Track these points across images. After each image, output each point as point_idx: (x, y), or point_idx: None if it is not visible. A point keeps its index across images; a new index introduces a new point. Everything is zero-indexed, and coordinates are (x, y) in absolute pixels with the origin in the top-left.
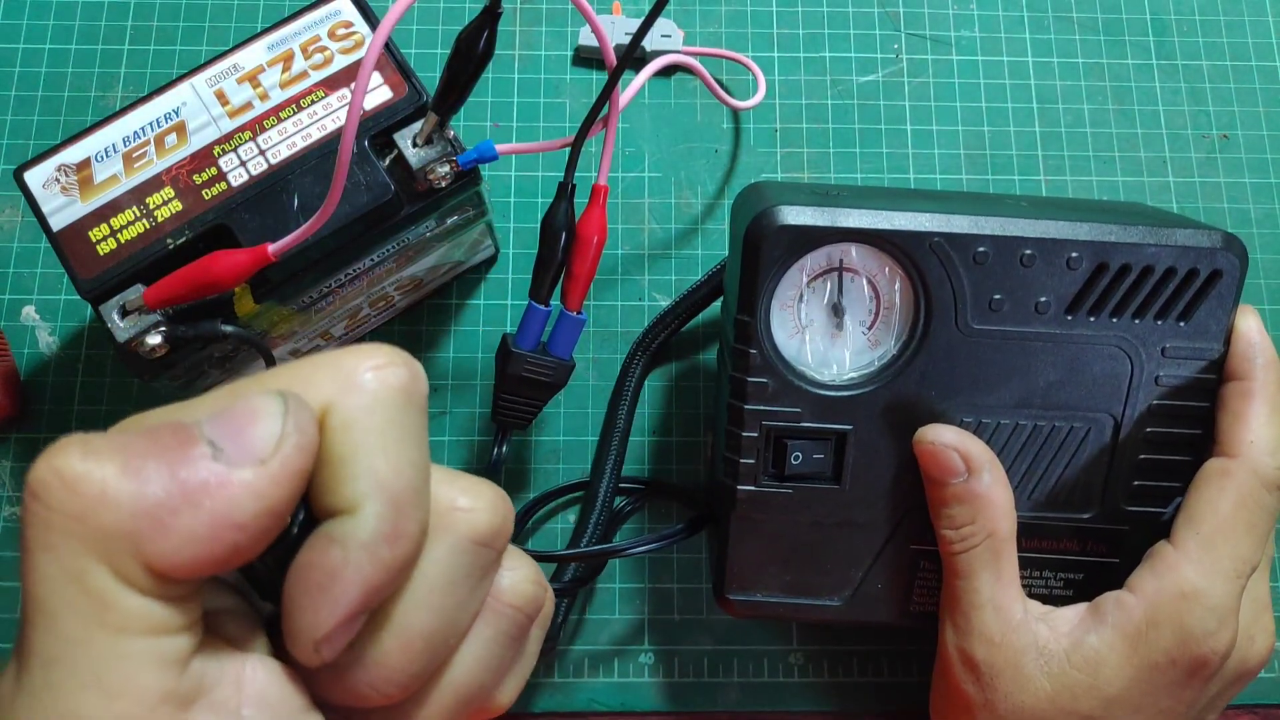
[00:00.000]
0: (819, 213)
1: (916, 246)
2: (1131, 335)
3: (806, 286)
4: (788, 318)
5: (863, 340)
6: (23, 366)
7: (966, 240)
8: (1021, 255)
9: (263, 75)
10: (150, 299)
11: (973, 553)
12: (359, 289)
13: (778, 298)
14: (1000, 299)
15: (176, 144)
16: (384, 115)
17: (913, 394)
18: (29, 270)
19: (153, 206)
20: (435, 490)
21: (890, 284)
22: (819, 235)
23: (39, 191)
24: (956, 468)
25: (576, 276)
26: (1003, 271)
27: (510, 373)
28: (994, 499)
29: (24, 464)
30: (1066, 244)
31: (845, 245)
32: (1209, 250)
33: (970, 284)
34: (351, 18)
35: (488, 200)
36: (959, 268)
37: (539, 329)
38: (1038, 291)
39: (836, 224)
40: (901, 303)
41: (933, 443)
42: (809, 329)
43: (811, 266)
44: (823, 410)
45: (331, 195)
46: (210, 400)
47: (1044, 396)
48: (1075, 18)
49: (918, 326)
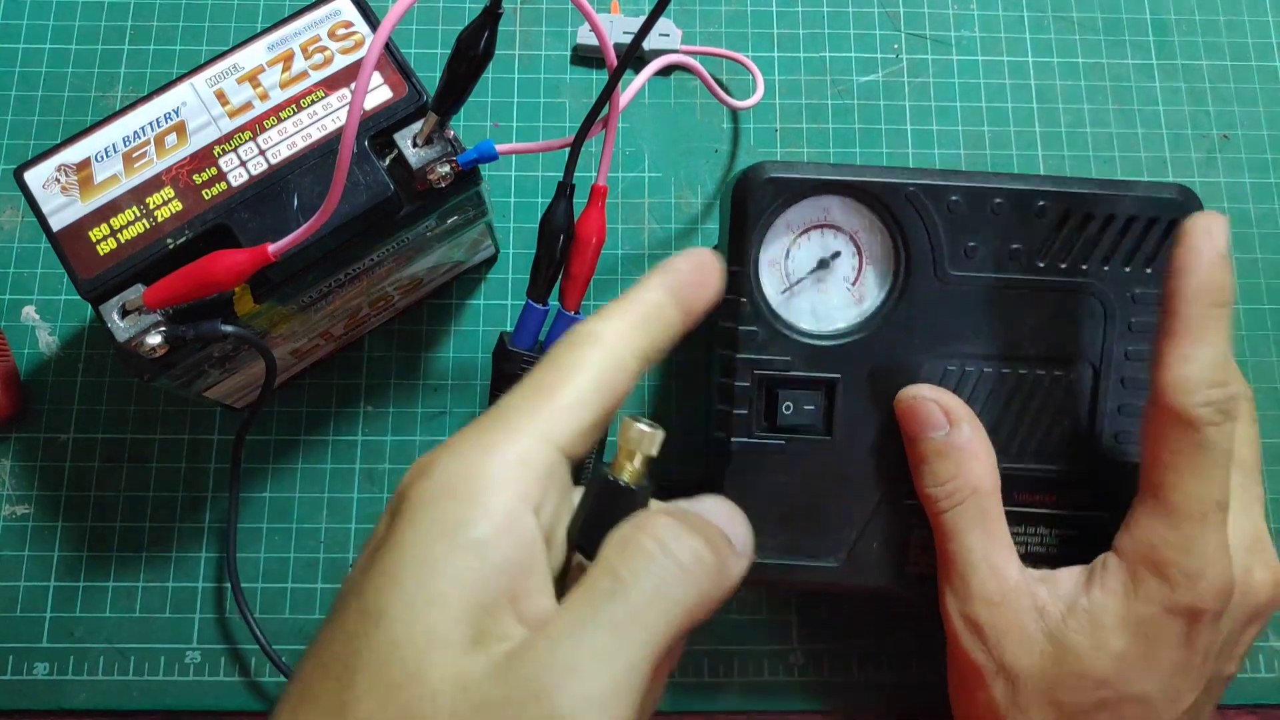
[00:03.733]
0: (803, 167)
1: (893, 197)
2: (1101, 282)
3: (793, 243)
4: (775, 274)
5: (847, 294)
6: (23, 366)
7: (939, 190)
8: (991, 204)
9: (263, 75)
10: (150, 299)
11: (959, 509)
12: (359, 289)
13: (765, 254)
14: (974, 245)
15: (176, 144)
16: (384, 115)
17: (899, 342)
18: (29, 270)
19: (153, 206)
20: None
21: (871, 237)
22: (802, 187)
23: (39, 191)
24: (937, 420)
25: (575, 277)
26: (975, 219)
27: (506, 372)
28: (976, 451)
29: (24, 463)
30: (1033, 194)
31: (828, 200)
32: (1168, 201)
33: (946, 232)
34: (351, 18)
35: (488, 200)
36: (934, 216)
37: (536, 328)
38: (1009, 239)
39: (819, 177)
40: (883, 255)
41: (914, 397)
42: (797, 284)
43: (797, 222)
44: (812, 359)
45: (331, 195)
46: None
47: (1024, 345)
48: (1075, 18)
49: (899, 276)
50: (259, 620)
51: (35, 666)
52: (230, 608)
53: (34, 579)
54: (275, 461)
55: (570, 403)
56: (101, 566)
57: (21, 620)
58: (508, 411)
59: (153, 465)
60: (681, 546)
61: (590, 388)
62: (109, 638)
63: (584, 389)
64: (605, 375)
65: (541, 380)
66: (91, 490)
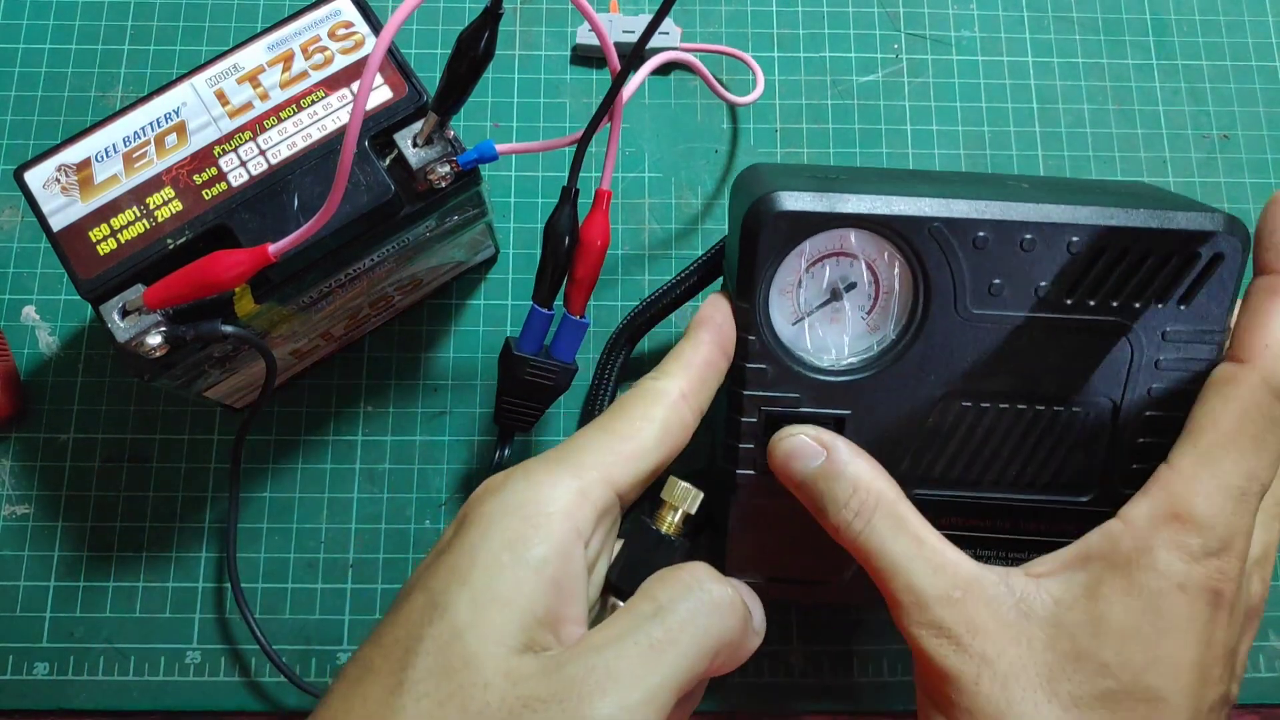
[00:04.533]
0: (818, 198)
1: (915, 232)
2: (1131, 320)
3: (805, 272)
4: (786, 303)
5: (861, 325)
6: (23, 366)
7: (966, 225)
8: (1021, 240)
9: (263, 75)
10: (150, 299)
11: (873, 523)
12: (359, 289)
13: (777, 283)
14: (1000, 284)
15: (177, 144)
16: (384, 115)
17: (911, 379)
18: (29, 270)
19: (153, 206)
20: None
21: (889, 268)
22: (818, 221)
23: (39, 191)
24: (812, 450)
25: (579, 280)
26: (1002, 256)
27: (513, 376)
28: (862, 467)
29: (24, 463)
30: (1066, 228)
31: (844, 230)
32: (1210, 234)
33: (969, 268)
34: (352, 18)
35: (488, 200)
36: (958, 252)
37: (542, 332)
38: (1037, 276)
39: (835, 210)
40: (900, 287)
41: (782, 439)
42: (808, 314)
43: (810, 251)
44: (821, 395)
45: (333, 195)
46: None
47: (1043, 381)
48: (1075, 18)
49: (916, 311)
50: (259, 620)
51: (35, 666)
52: (230, 608)
53: (34, 579)
54: (275, 462)
55: (634, 452)
56: (102, 566)
57: (22, 620)
58: (578, 449)
59: (153, 465)
60: (715, 588)
61: (654, 443)
62: (109, 638)
63: (648, 442)
64: (669, 431)
65: (612, 426)
66: (92, 490)
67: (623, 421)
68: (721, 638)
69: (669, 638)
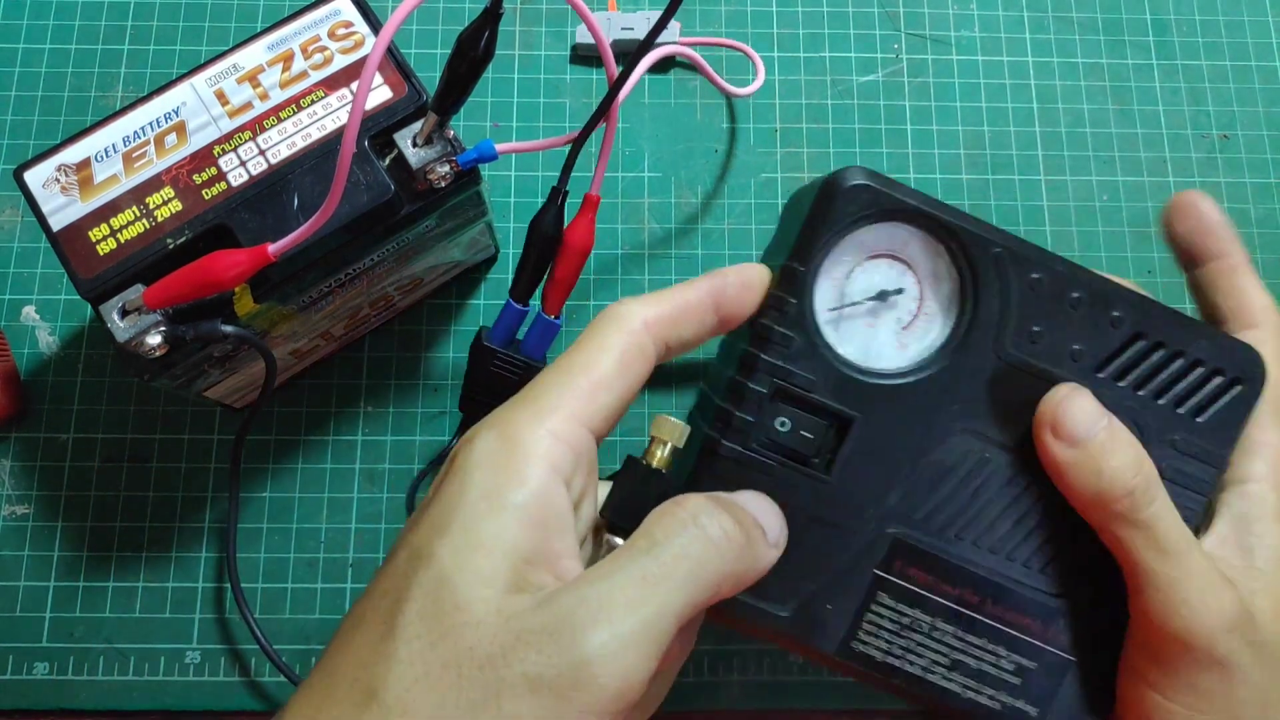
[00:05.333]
0: (896, 187)
1: (981, 251)
2: (1148, 415)
3: (859, 265)
4: (832, 290)
5: (893, 338)
6: (23, 366)
7: (1027, 260)
8: (1071, 297)
9: (263, 75)
10: (150, 299)
11: (1161, 502)
12: (359, 289)
13: (829, 264)
14: (1040, 332)
15: (176, 144)
16: (384, 115)
17: (931, 402)
18: (29, 270)
19: (153, 206)
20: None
21: (940, 287)
22: (893, 206)
23: (39, 191)
24: (1099, 409)
25: (557, 281)
26: (1051, 305)
27: (480, 366)
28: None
29: (24, 463)
30: (1116, 301)
31: (909, 233)
32: (1240, 358)
33: (1019, 306)
34: (351, 17)
35: (487, 200)
36: (1013, 285)
37: (514, 327)
38: (1075, 338)
39: (909, 201)
40: (945, 308)
41: (1067, 394)
42: (847, 308)
43: (871, 244)
44: (838, 388)
45: (332, 195)
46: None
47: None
48: (1075, 18)
49: (957, 336)
50: (259, 620)
51: (35, 666)
52: (230, 608)
53: (34, 579)
54: (275, 461)
55: (594, 384)
56: (101, 566)
57: (21, 620)
58: (541, 391)
59: (152, 465)
60: (712, 522)
61: (614, 372)
62: (109, 638)
63: (608, 372)
64: (627, 361)
65: (570, 363)
66: (92, 490)
67: (580, 354)
68: (720, 570)
69: (663, 572)
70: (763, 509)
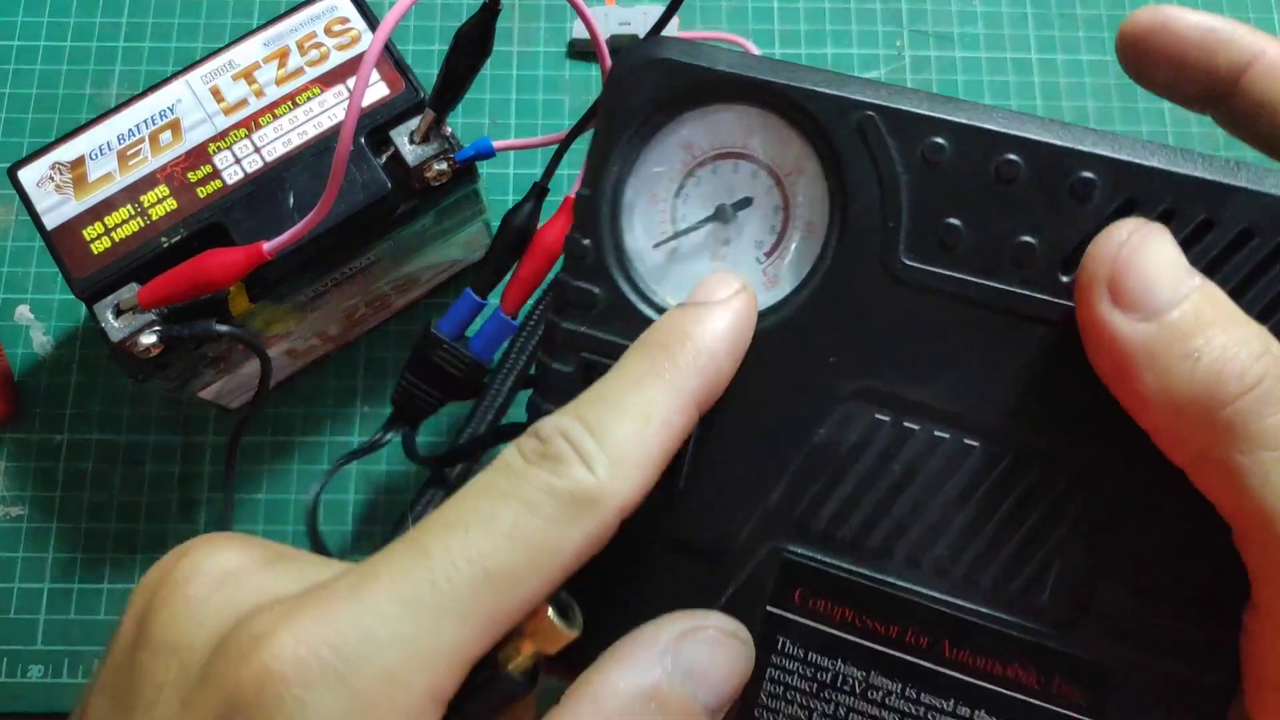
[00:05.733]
0: (715, 53)
1: (837, 121)
2: None
3: (691, 174)
4: (657, 215)
5: (757, 270)
6: (17, 367)
7: (915, 124)
8: (998, 164)
9: (258, 72)
10: (144, 298)
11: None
12: (355, 288)
13: (644, 183)
14: (956, 227)
15: (171, 141)
16: (380, 112)
17: (801, 356)
18: (23, 269)
19: (147, 205)
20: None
21: (813, 188)
22: (706, 81)
23: (33, 190)
24: (1176, 266)
25: (521, 279)
26: (966, 183)
27: (421, 355)
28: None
29: (18, 465)
30: (1074, 157)
31: (748, 116)
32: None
33: (912, 195)
34: (348, 14)
35: (485, 198)
36: (896, 164)
37: (466, 319)
38: (1019, 226)
39: (726, 68)
40: (821, 219)
41: (1123, 244)
42: (682, 237)
43: (702, 142)
44: None
45: (328, 193)
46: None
47: (1006, 409)
48: (1079, 14)
49: (827, 253)
50: None
51: (30, 669)
52: None
53: (28, 581)
54: (271, 464)
55: (530, 594)
56: (96, 568)
57: (16, 622)
58: (450, 586)
59: (147, 467)
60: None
61: (561, 574)
62: (104, 640)
63: (554, 577)
64: (581, 556)
65: (501, 559)
66: (86, 492)
67: (518, 551)
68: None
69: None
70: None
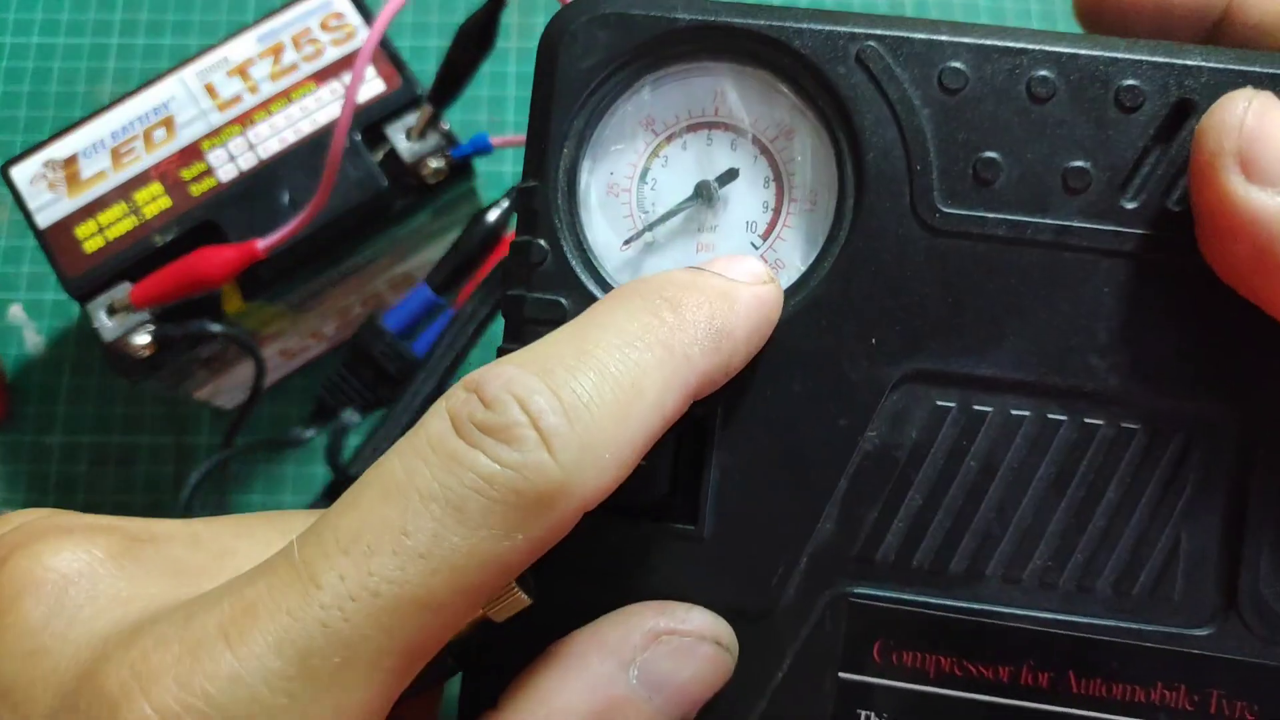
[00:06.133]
0: (671, 1)
1: (833, 59)
2: None
3: (655, 152)
4: (618, 207)
5: (753, 255)
6: (9, 367)
7: (927, 50)
8: (1029, 82)
9: (253, 68)
10: (137, 297)
11: None
12: (350, 286)
13: (598, 163)
14: (995, 160)
15: (165, 139)
16: (376, 108)
17: (832, 344)
18: (15, 268)
19: (141, 203)
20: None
21: (806, 149)
22: (668, 38)
23: (25, 188)
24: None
25: (480, 281)
26: (998, 110)
27: (360, 346)
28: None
29: (10, 467)
30: (1112, 65)
31: (722, 76)
32: None
33: (937, 131)
34: (343, 9)
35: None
36: (913, 99)
37: (415, 315)
38: (1065, 150)
39: (696, 18)
40: (824, 183)
41: (1249, 112)
42: (654, 228)
43: (664, 113)
44: None
45: (323, 189)
46: None
47: (1089, 367)
48: None
49: (844, 216)
50: None
51: None
52: None
53: None
54: (265, 465)
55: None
56: None
57: None
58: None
59: (140, 469)
60: None
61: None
62: None
63: (446, 630)
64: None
65: (426, 588)
66: (79, 494)
67: (438, 575)
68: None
69: None
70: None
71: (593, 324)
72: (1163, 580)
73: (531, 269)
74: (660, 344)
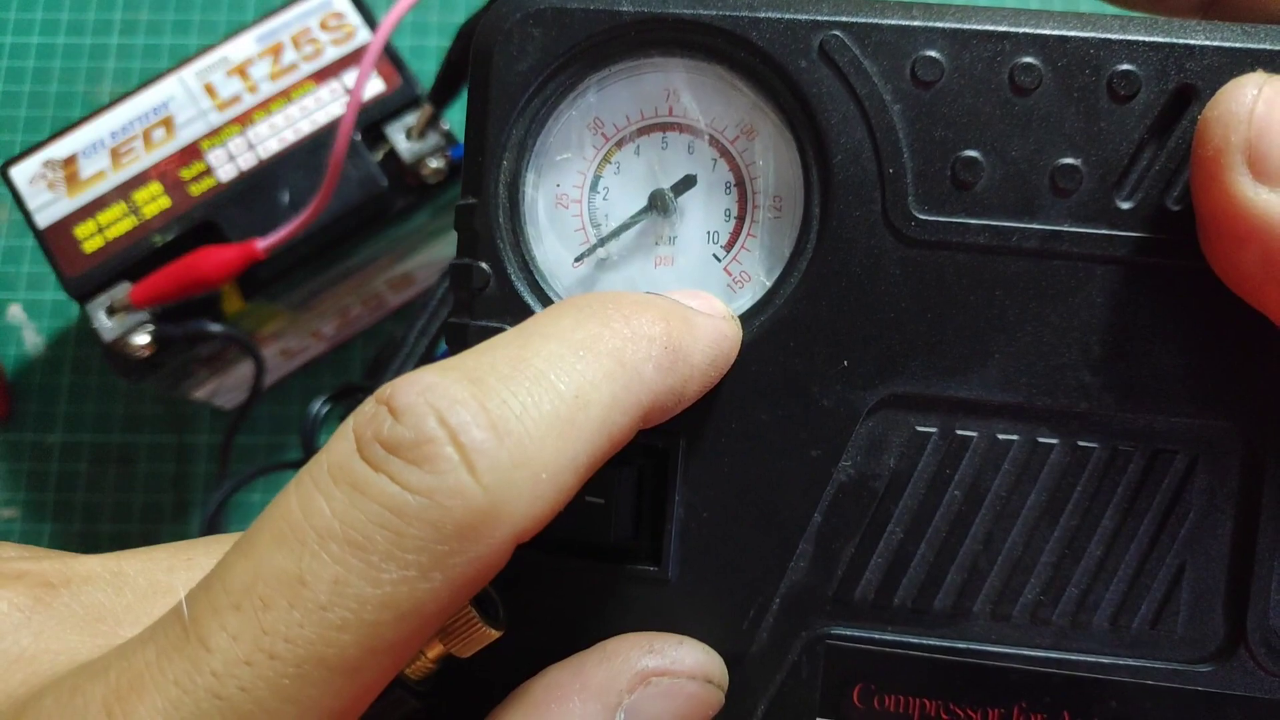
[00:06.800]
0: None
1: (792, 50)
2: None
3: (605, 161)
4: (567, 221)
5: (716, 270)
6: (9, 367)
7: (898, 38)
8: (1011, 71)
9: (252, 68)
10: (137, 297)
11: None
12: (350, 286)
13: (543, 174)
14: (975, 160)
15: (165, 138)
16: (376, 108)
17: (801, 368)
18: (15, 268)
19: (140, 203)
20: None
21: (769, 151)
22: (614, 34)
23: (25, 188)
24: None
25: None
26: (977, 103)
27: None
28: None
29: (10, 466)
30: (1103, 48)
31: (674, 78)
32: None
33: (910, 128)
34: (343, 9)
35: None
36: (882, 93)
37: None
38: (1053, 145)
39: (642, 10)
40: (790, 187)
41: (1256, 100)
42: (608, 244)
43: (613, 117)
44: None
45: (324, 189)
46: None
47: (1081, 384)
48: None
49: (810, 225)
50: None
51: None
52: None
53: None
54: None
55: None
56: None
57: None
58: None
59: (140, 468)
60: None
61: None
62: None
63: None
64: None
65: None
66: (79, 493)
67: (344, 632)
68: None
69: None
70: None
71: (534, 332)
72: (1164, 613)
73: (474, 294)
74: (609, 354)
